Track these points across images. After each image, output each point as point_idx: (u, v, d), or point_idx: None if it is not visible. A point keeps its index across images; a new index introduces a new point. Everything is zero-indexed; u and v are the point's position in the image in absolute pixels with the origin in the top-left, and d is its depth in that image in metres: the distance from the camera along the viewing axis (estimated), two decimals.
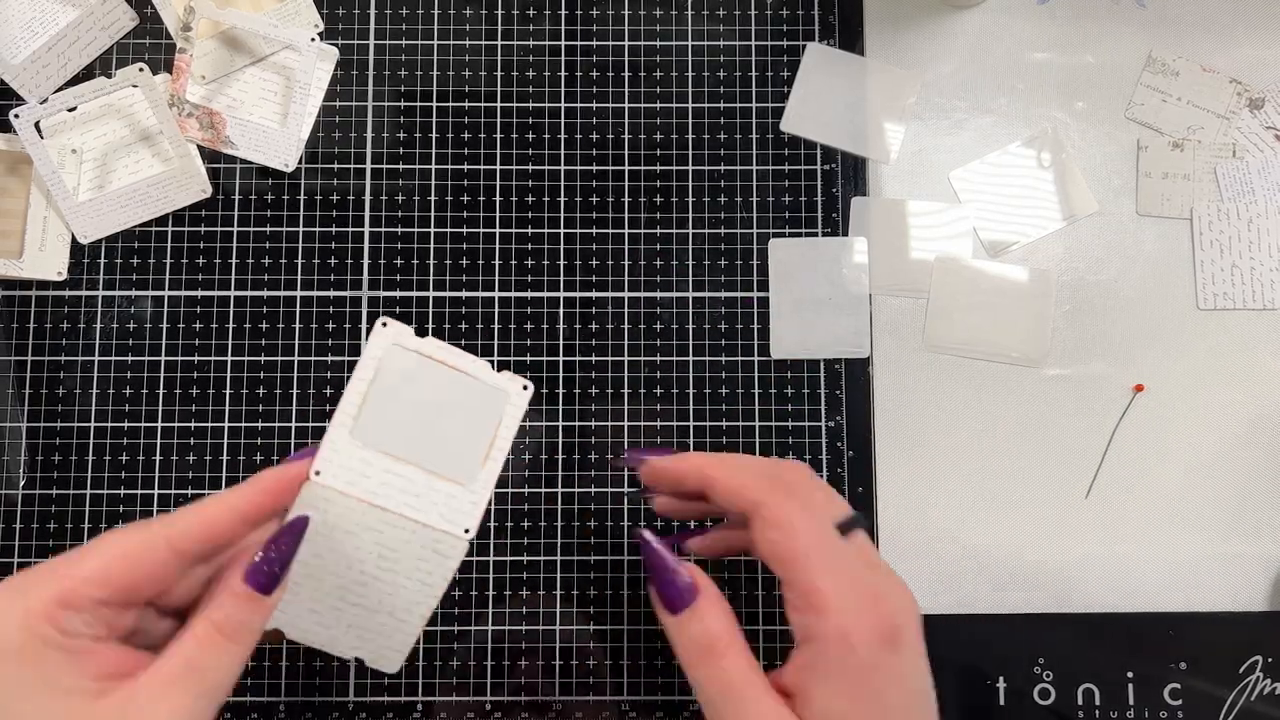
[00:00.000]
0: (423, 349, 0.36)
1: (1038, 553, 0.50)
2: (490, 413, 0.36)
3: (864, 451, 0.50)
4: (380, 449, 0.35)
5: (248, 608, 0.32)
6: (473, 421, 0.36)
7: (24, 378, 0.51)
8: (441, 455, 0.35)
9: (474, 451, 0.36)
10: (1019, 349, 0.51)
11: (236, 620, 0.32)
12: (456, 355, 0.36)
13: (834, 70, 0.52)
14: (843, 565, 0.32)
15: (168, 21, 0.52)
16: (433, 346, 0.36)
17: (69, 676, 0.30)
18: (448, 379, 0.36)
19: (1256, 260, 0.51)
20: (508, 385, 0.36)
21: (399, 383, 0.35)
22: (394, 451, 0.35)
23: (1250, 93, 0.52)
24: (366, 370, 0.35)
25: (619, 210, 0.52)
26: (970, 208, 0.52)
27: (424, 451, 0.35)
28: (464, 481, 0.35)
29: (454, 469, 0.35)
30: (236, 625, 0.32)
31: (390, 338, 0.35)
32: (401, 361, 0.35)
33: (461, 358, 0.36)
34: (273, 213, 0.52)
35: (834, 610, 0.31)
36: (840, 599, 0.31)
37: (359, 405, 0.35)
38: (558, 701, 0.48)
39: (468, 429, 0.36)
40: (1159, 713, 0.47)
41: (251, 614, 0.32)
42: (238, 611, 0.32)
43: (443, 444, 0.35)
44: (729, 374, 0.51)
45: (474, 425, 0.36)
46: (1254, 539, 0.50)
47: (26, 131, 0.50)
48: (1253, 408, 0.50)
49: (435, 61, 0.52)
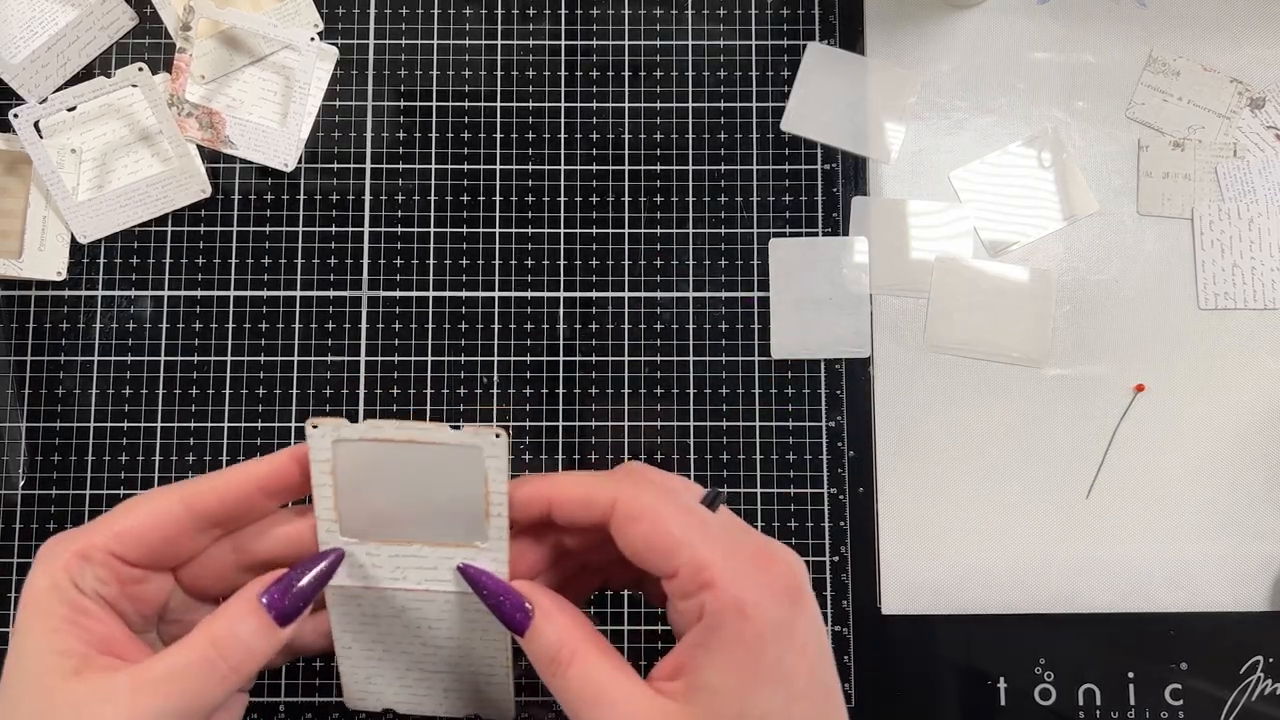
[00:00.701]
0: (367, 435, 0.32)
1: (1038, 553, 0.50)
2: (473, 471, 0.33)
3: (864, 451, 0.50)
4: (377, 539, 0.33)
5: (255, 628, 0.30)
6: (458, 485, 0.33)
7: (24, 378, 0.51)
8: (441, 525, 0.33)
9: (473, 512, 0.33)
10: (1019, 349, 0.51)
11: (237, 637, 0.30)
12: (411, 428, 0.32)
13: (834, 70, 0.52)
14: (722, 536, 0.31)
15: (167, 21, 0.52)
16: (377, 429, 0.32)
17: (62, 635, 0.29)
18: (412, 453, 0.32)
19: (1257, 260, 0.51)
20: (478, 440, 0.32)
21: (364, 473, 0.33)
22: (392, 536, 0.33)
23: (1251, 92, 0.52)
24: (322, 474, 0.33)
25: (619, 210, 0.52)
26: (971, 207, 0.52)
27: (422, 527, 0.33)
28: (476, 543, 0.33)
29: (460, 534, 0.33)
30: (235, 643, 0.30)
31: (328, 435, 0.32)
32: (356, 453, 0.33)
33: (416, 429, 0.32)
34: (272, 213, 0.52)
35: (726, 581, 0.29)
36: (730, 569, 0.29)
37: (333, 508, 0.33)
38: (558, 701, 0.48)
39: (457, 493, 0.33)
40: (1160, 713, 0.47)
41: (256, 636, 0.30)
42: (241, 627, 0.30)
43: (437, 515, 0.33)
44: (729, 374, 0.51)
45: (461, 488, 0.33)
46: (1254, 539, 0.50)
47: (26, 131, 0.49)
48: (1254, 408, 0.50)
49: (435, 61, 0.52)
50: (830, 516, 0.50)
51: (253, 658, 0.30)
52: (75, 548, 0.30)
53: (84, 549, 0.30)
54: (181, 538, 0.32)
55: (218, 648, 0.30)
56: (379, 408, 0.50)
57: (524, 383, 0.51)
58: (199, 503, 0.32)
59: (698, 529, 0.30)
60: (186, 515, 0.32)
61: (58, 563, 0.30)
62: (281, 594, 0.31)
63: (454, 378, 0.51)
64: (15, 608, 0.31)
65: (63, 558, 0.30)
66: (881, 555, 0.49)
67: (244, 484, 0.32)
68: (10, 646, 0.30)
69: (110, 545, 0.31)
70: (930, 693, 0.48)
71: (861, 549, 0.49)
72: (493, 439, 0.32)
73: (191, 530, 0.32)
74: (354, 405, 0.50)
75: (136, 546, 0.31)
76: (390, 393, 0.50)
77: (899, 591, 0.49)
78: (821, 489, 0.50)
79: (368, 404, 0.50)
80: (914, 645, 0.49)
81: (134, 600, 0.32)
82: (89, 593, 0.30)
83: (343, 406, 0.50)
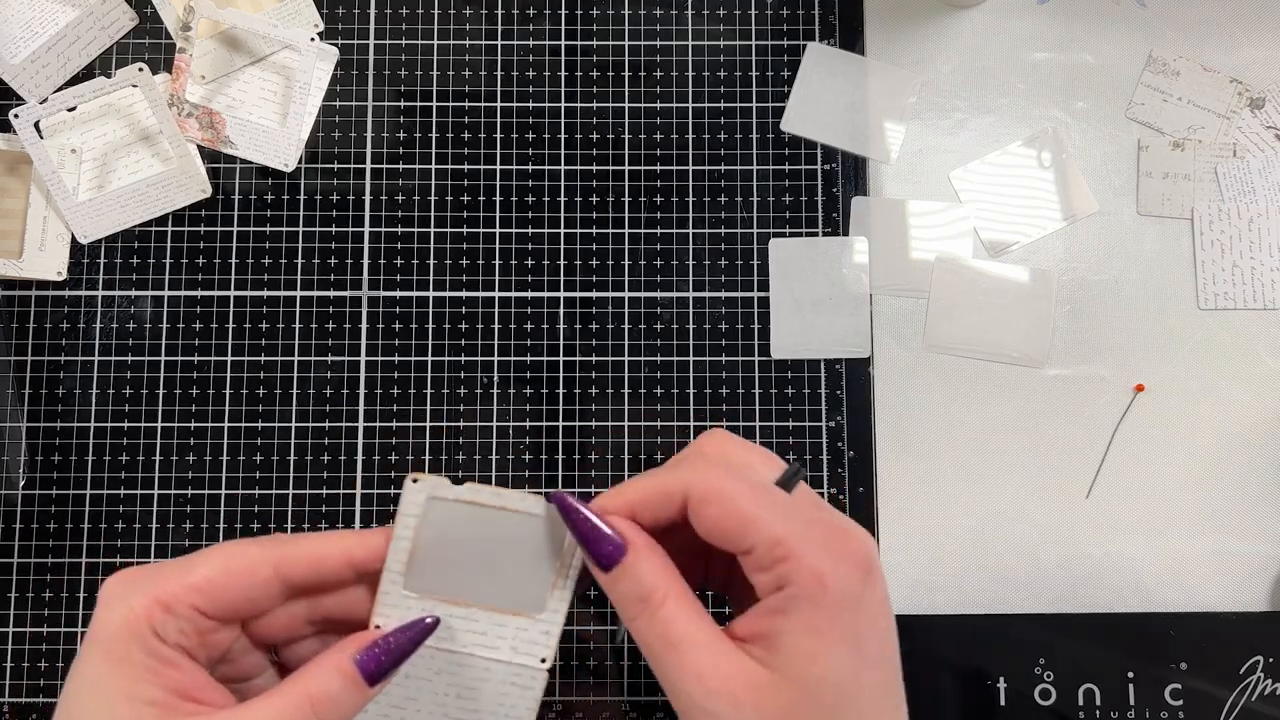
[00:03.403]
0: (463, 497, 0.34)
1: (1038, 553, 0.50)
2: (549, 542, 0.34)
3: (864, 451, 0.50)
4: (438, 596, 0.34)
5: (348, 689, 0.31)
6: (531, 555, 0.34)
7: (24, 378, 0.51)
8: (503, 592, 0.34)
9: (539, 582, 0.34)
10: (1019, 349, 0.51)
11: (333, 698, 0.30)
12: (500, 496, 0.34)
13: (834, 70, 0.52)
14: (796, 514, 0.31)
15: (167, 21, 0.52)
16: (474, 493, 0.34)
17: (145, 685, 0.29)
18: (496, 518, 0.34)
19: (1257, 260, 0.51)
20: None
21: (445, 532, 0.34)
22: (453, 596, 0.34)
23: (1251, 92, 0.52)
24: (406, 528, 0.34)
25: (619, 210, 0.52)
26: (971, 208, 0.52)
27: (484, 591, 0.34)
28: (533, 614, 0.34)
29: (520, 603, 0.34)
30: (331, 703, 0.30)
31: (425, 492, 0.34)
32: (444, 512, 0.34)
33: (507, 497, 0.34)
34: (273, 213, 0.52)
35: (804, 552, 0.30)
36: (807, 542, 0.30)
37: (405, 561, 0.34)
38: (558, 701, 0.48)
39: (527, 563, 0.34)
40: (1160, 713, 0.47)
41: (349, 697, 0.31)
42: (337, 689, 0.31)
43: (503, 581, 0.34)
44: (729, 374, 0.51)
45: (533, 558, 0.34)
46: (1254, 539, 0.50)
47: (26, 131, 0.49)
48: (1254, 408, 0.50)
49: (435, 61, 0.52)
50: None
51: (341, 716, 0.31)
52: (156, 595, 0.30)
53: (167, 600, 0.30)
54: (266, 601, 0.32)
55: (314, 705, 0.30)
56: (379, 408, 0.50)
57: (524, 383, 0.51)
58: (289, 570, 0.32)
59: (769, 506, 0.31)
60: (275, 581, 0.32)
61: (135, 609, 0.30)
62: (376, 656, 0.32)
63: (454, 378, 0.51)
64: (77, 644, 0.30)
65: (142, 604, 0.30)
66: (881, 555, 0.49)
67: (337, 558, 0.33)
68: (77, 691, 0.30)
69: (194, 599, 0.31)
70: (930, 692, 0.48)
71: None
72: None
73: (277, 594, 0.32)
74: (354, 405, 0.50)
75: (219, 602, 0.31)
76: (390, 393, 0.50)
77: (899, 591, 0.49)
78: (822, 489, 0.50)
79: (367, 404, 0.50)
80: (914, 645, 0.49)
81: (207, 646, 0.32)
82: (170, 643, 0.30)
83: (343, 406, 0.50)
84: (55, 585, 0.49)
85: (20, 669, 0.49)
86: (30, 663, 0.49)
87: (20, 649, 0.49)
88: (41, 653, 0.49)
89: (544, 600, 0.34)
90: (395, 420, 0.50)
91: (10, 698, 0.49)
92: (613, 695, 0.49)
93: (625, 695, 0.49)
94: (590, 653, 0.49)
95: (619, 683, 0.49)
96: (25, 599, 0.49)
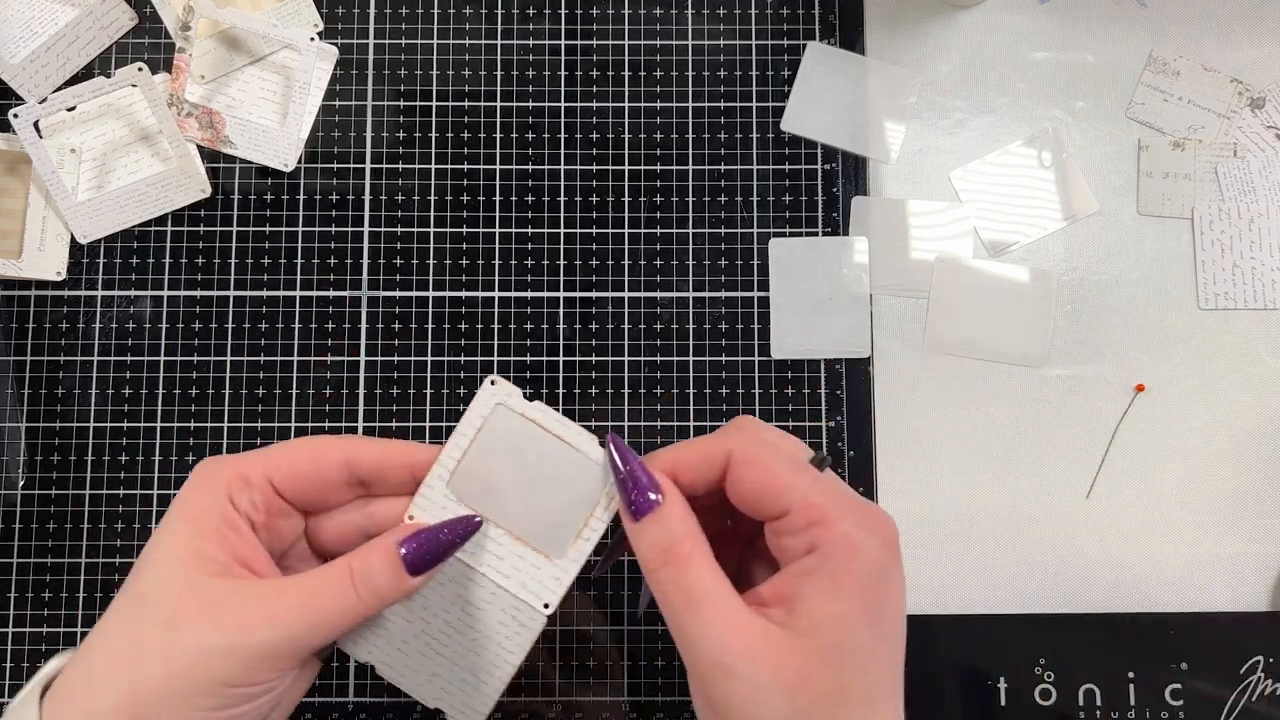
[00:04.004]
0: (528, 413, 0.35)
1: (1038, 553, 0.50)
2: (589, 490, 0.34)
3: (864, 451, 0.50)
4: (474, 507, 0.35)
5: (388, 570, 0.32)
6: (570, 495, 0.34)
7: (24, 378, 0.51)
8: (533, 524, 0.35)
9: (567, 527, 0.34)
10: (1020, 349, 0.51)
11: (372, 575, 0.32)
12: (564, 425, 0.35)
13: (834, 70, 0.52)
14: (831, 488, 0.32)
15: (167, 21, 0.52)
16: (539, 412, 0.35)
17: (210, 543, 0.31)
18: (550, 447, 0.35)
19: (1258, 260, 0.51)
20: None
21: (500, 444, 0.35)
22: (487, 513, 0.35)
23: (1251, 92, 0.52)
24: (470, 426, 0.35)
25: (619, 210, 0.52)
26: (971, 207, 0.52)
27: (516, 517, 0.35)
28: (552, 556, 0.34)
29: (544, 541, 0.35)
30: (369, 580, 0.32)
31: (498, 396, 0.35)
32: (506, 423, 0.35)
33: (568, 428, 0.35)
34: (272, 213, 0.52)
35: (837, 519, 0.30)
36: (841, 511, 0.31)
37: (458, 460, 0.35)
38: (558, 702, 0.48)
39: (564, 502, 0.34)
40: (1160, 713, 0.47)
41: (388, 578, 0.32)
42: (378, 566, 0.32)
43: (536, 513, 0.35)
44: (729, 374, 0.51)
45: (571, 499, 0.34)
46: (1254, 539, 0.50)
47: (26, 131, 0.49)
48: (1254, 408, 0.50)
49: (435, 61, 0.52)
50: None
51: (381, 599, 0.32)
52: (239, 469, 0.32)
53: (246, 472, 0.32)
54: (333, 488, 0.34)
55: (356, 580, 0.32)
56: (379, 408, 0.50)
57: (524, 383, 0.50)
58: (360, 460, 0.34)
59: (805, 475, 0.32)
60: (345, 469, 0.34)
61: (218, 478, 0.32)
62: (420, 546, 0.33)
63: (454, 378, 0.51)
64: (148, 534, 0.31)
65: (224, 475, 0.32)
66: None
67: (402, 458, 0.34)
68: (150, 545, 0.32)
69: (271, 475, 0.33)
70: (930, 692, 0.48)
71: None
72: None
73: (343, 484, 0.34)
74: (354, 405, 0.50)
75: (294, 483, 0.33)
76: (390, 393, 0.50)
77: None
78: None
79: (367, 404, 0.50)
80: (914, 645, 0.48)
81: (272, 532, 0.34)
82: (242, 513, 0.32)
83: (343, 406, 0.50)
84: (55, 585, 0.49)
85: (20, 669, 0.49)
86: (30, 663, 0.49)
87: (20, 649, 0.49)
88: (41, 653, 0.49)
89: (565, 546, 0.34)
90: (395, 420, 0.50)
91: (10, 698, 0.49)
92: (613, 695, 0.49)
93: (625, 695, 0.49)
94: (591, 653, 0.49)
95: (619, 683, 0.49)
96: (25, 599, 0.49)
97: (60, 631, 0.49)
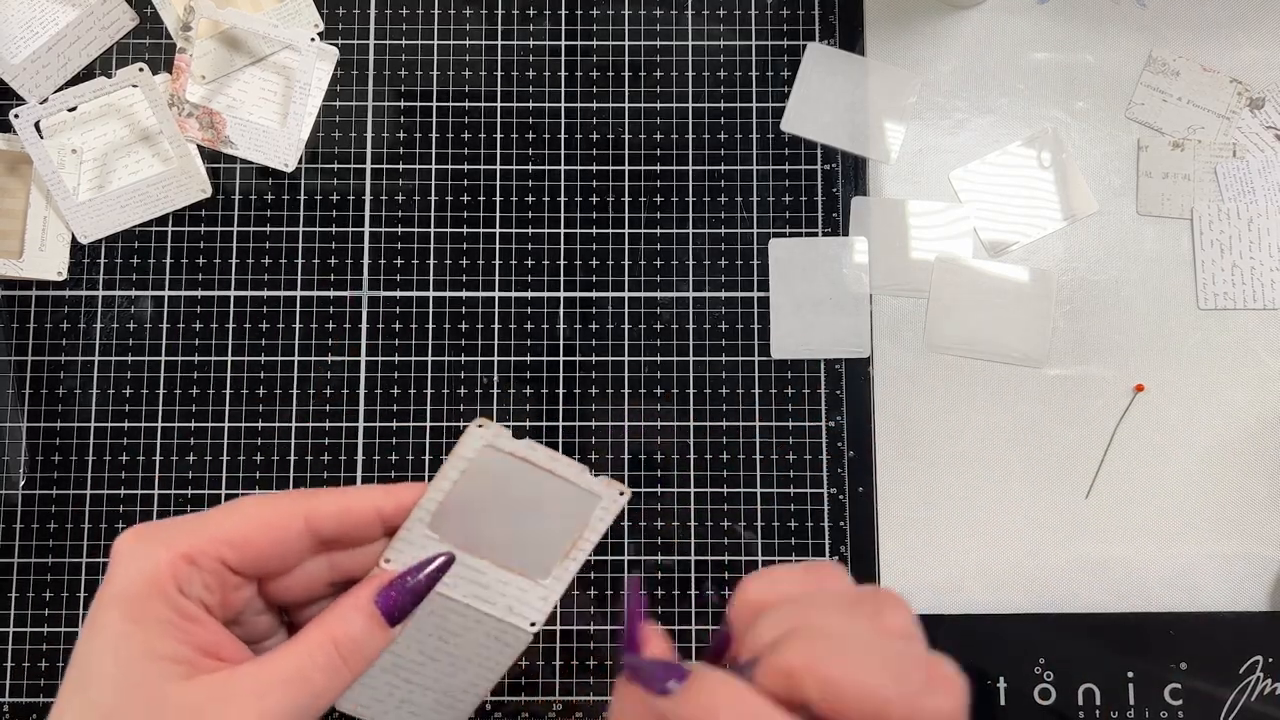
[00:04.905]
0: (518, 451, 0.34)
1: (1038, 553, 0.50)
2: (578, 515, 0.34)
3: (864, 451, 0.50)
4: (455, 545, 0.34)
5: (369, 629, 0.30)
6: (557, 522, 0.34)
7: (24, 378, 0.51)
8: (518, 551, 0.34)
9: (553, 550, 0.34)
10: (1020, 349, 0.51)
11: (356, 640, 0.30)
12: (553, 459, 0.34)
13: (834, 70, 0.52)
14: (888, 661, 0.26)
15: (168, 21, 0.52)
16: (529, 450, 0.34)
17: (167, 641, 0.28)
18: (538, 480, 0.34)
19: (1257, 260, 0.51)
20: (602, 490, 0.34)
21: (487, 482, 0.34)
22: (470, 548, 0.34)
23: (1250, 92, 0.52)
24: (453, 470, 0.34)
25: (619, 210, 0.52)
26: (970, 208, 0.52)
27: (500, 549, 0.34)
28: (538, 578, 0.34)
29: (529, 565, 0.34)
30: (354, 646, 0.30)
31: (485, 438, 0.34)
32: (493, 462, 0.34)
33: (557, 462, 0.34)
34: (273, 213, 0.52)
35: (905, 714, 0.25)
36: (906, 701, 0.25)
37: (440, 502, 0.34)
38: (558, 701, 0.48)
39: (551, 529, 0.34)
40: (1159, 713, 0.47)
41: (371, 638, 0.30)
42: (359, 629, 0.30)
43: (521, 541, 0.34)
44: (729, 374, 0.51)
45: (558, 526, 0.34)
46: (1254, 539, 0.50)
47: (26, 131, 0.49)
48: (1253, 408, 0.50)
49: (435, 61, 0.52)
50: (830, 516, 0.50)
51: (365, 659, 0.30)
52: (181, 550, 0.29)
53: (193, 554, 0.29)
54: (294, 556, 0.31)
55: (340, 649, 0.30)
56: (379, 408, 0.50)
57: (524, 383, 0.51)
58: (320, 522, 0.31)
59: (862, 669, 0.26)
60: (305, 535, 0.31)
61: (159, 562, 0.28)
62: (399, 596, 0.31)
63: (454, 378, 0.51)
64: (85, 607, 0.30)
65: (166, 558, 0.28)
66: (881, 555, 0.49)
67: (367, 511, 0.32)
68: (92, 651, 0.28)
69: (221, 553, 0.29)
70: None
71: (861, 549, 0.49)
72: (615, 495, 0.34)
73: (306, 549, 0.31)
74: (354, 405, 0.50)
75: (248, 557, 0.30)
76: (390, 393, 0.50)
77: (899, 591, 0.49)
78: (821, 489, 0.50)
79: (368, 404, 0.50)
80: None
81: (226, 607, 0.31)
82: (194, 599, 0.29)
83: (343, 406, 0.50)
84: (55, 585, 0.49)
85: (20, 669, 0.49)
86: (30, 662, 0.49)
87: (20, 649, 0.49)
88: (41, 653, 0.49)
89: (550, 567, 0.34)
90: (395, 420, 0.50)
91: (10, 698, 0.49)
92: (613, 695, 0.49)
93: None
94: (590, 653, 0.49)
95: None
96: (25, 599, 0.49)
97: (60, 631, 0.49)
